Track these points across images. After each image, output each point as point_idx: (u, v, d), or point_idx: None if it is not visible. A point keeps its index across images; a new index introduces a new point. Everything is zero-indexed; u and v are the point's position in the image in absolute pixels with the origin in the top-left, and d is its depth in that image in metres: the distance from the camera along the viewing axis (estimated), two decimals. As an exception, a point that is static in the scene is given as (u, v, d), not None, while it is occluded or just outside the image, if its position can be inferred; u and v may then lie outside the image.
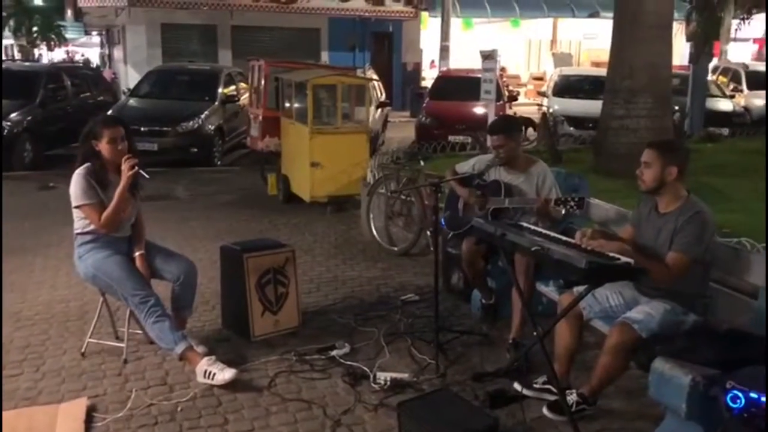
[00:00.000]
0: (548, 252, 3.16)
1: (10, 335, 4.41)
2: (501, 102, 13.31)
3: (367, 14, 21.45)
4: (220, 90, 11.86)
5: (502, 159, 4.46)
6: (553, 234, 3.53)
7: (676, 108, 12.74)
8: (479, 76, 14.16)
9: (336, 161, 7.57)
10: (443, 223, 4.84)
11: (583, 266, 2.93)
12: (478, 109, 12.84)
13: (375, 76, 13.97)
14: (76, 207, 3.88)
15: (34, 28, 39.35)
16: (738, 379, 2.49)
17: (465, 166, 4.70)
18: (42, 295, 5.14)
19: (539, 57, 29.68)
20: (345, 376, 3.89)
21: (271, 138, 8.68)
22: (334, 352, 4.17)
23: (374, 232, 6.56)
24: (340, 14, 21.15)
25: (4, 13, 30.44)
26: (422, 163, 6.39)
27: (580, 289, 3.43)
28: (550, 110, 13.37)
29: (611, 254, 3.13)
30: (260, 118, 8.78)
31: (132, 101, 11.84)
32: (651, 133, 7.27)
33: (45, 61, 40.16)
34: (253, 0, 19.90)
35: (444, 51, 20.31)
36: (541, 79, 25.60)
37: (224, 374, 3.72)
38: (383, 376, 3.82)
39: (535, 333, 3.51)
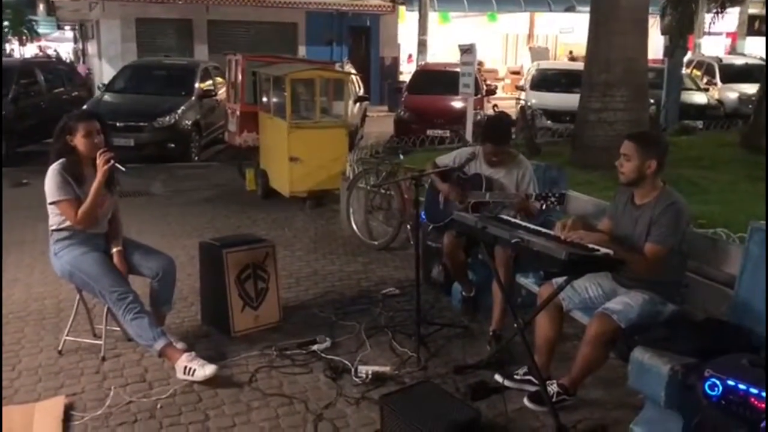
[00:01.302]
0: (528, 244, 3.18)
1: (-13, 333, 4.34)
2: (479, 96, 13.37)
3: (344, 8, 21.36)
4: (197, 85, 11.74)
5: (494, 163, 4.47)
6: (533, 226, 3.54)
7: (652, 101, 12.89)
8: (457, 70, 14.22)
9: (315, 156, 7.53)
10: (423, 216, 4.85)
11: (563, 257, 2.94)
12: (457, 103, 12.89)
13: (353, 71, 13.94)
14: (52, 203, 3.82)
15: (5, 23, 38.79)
16: (716, 367, 2.52)
17: (446, 159, 4.70)
18: (16, 294, 5.06)
19: (516, 51, 29.81)
20: (326, 370, 3.88)
21: (249, 133, 8.62)
22: (315, 347, 4.16)
23: (354, 226, 6.55)
24: (318, 8, 21.07)
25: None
26: (401, 156, 6.38)
27: (560, 280, 3.45)
28: (528, 104, 13.44)
29: (591, 246, 3.16)
30: (238, 113, 8.70)
31: (107, 96, 11.68)
32: (628, 125, 7.33)
33: (17, 56, 39.56)
34: (229, -6, 19.76)
35: (422, 45, 20.34)
36: (518, 73, 25.71)
37: (205, 370, 3.69)
38: (365, 370, 3.82)
39: (515, 324, 3.53)
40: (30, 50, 50.33)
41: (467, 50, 7.91)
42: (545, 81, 14.22)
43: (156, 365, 3.90)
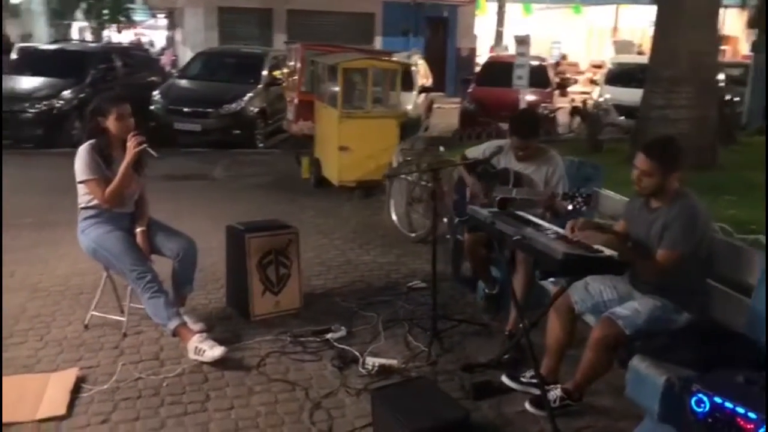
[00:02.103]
0: (530, 242, 3.07)
1: (24, 305, 4.57)
2: (549, 89, 13.07)
3: (421, -1, 21.31)
4: (264, 73, 11.95)
5: (521, 157, 4.35)
6: (547, 225, 3.42)
7: (735, 98, 12.21)
8: (532, 62, 13.96)
9: (365, 146, 7.54)
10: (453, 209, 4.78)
11: (559, 257, 2.83)
12: (525, 96, 12.62)
13: (421, 61, 13.86)
14: (81, 182, 3.97)
15: (104, 11, 40.70)
16: (705, 382, 2.36)
17: (475, 152, 4.60)
18: (61, 268, 5.30)
19: (601, 45, 28.87)
20: (334, 360, 3.89)
21: (305, 121, 8.72)
22: (329, 335, 4.17)
23: (394, 217, 6.52)
24: (395, -1, 21.08)
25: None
26: (441, 148, 6.29)
27: (577, 282, 3.33)
28: (601, 99, 13.00)
29: (596, 247, 3.02)
30: (295, 101, 8.81)
31: (179, 82, 12.07)
32: (692, 124, 6.97)
33: (117, 42, 41.40)
34: (309, -17, 20.01)
35: (499, 37, 20.02)
36: (600, 67, 24.88)
37: (213, 351, 3.77)
38: (372, 362, 3.80)
39: (520, 325, 3.42)
40: (126, 37, 52.78)
41: (522, 41, 7.71)
42: (621, 75, 13.70)
43: (172, 344, 4.00)
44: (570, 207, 3.93)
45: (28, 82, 10.75)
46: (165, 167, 9.45)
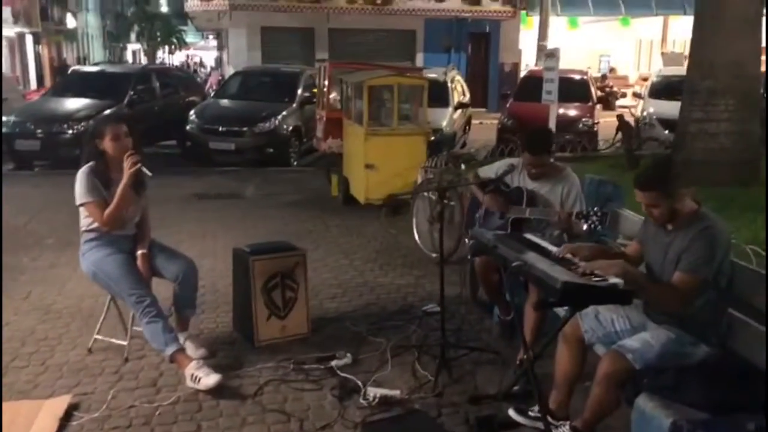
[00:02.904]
0: (530, 268, 2.86)
1: (34, 327, 4.55)
2: (590, 103, 12.73)
3: (464, 15, 21.15)
4: (299, 91, 11.96)
5: (534, 175, 4.15)
6: (553, 249, 3.20)
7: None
8: (569, 76, 13.65)
9: (391, 163, 7.39)
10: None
11: (558, 286, 2.61)
12: (565, 111, 12.32)
13: (458, 77, 13.69)
14: (80, 205, 3.92)
15: (157, 33, 41.92)
16: (712, 428, 2.11)
17: (489, 171, 4.41)
18: (77, 289, 5.29)
19: (650, 57, 28.16)
20: (334, 389, 3.72)
21: (333, 139, 8.62)
22: (333, 363, 4.01)
23: (417, 237, 6.34)
24: (437, 15, 21.00)
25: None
26: (463, 166, 6.10)
27: (586, 309, 3.10)
28: (644, 113, 12.58)
29: (605, 275, 2.78)
30: (324, 119, 8.74)
31: (214, 101, 12.17)
32: (732, 138, 6.61)
33: (168, 63, 42.63)
34: (349, 2, 20.11)
35: (541, 51, 19.63)
36: (647, 80, 24.26)
37: (209, 379, 3.65)
38: (373, 392, 3.62)
39: (525, 356, 3.20)
40: (178, 58, 54.26)
41: (550, 54, 7.48)
42: (666, 88, 13.22)
43: (172, 370, 3.90)
44: (585, 227, 3.72)
45: (68, 104, 10.99)
46: (197, 186, 9.53)
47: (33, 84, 27.18)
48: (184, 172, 10.52)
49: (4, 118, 10.49)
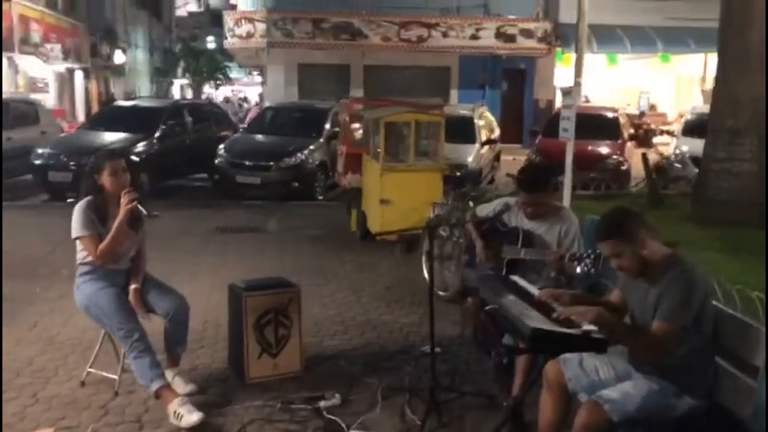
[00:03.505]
0: (504, 313, 2.77)
1: (33, 358, 4.59)
2: (620, 141, 12.55)
3: (498, 52, 21.19)
4: (327, 127, 12.07)
5: (530, 214, 4.07)
6: (536, 293, 3.10)
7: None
8: (602, 113, 13.51)
9: (407, 199, 7.35)
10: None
11: (527, 333, 2.52)
12: (596, 148, 12.18)
13: (487, 114, 13.66)
14: (75, 238, 3.97)
15: (203, 69, 43.01)
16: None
17: (487, 209, 4.34)
18: (82, 321, 5.25)
19: (690, 94, 27.69)
20: (316, 431, 3.64)
21: (353, 174, 8.64)
22: (321, 403, 3.94)
23: (425, 274, 6.24)
24: (471, 52, 21.08)
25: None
26: (471, 204, 6.01)
27: (569, 356, 3.00)
28: (677, 151, 12.33)
29: (576, 321, 2.68)
30: (344, 153, 8.78)
31: (243, 136, 12.37)
32: (755, 178, 6.39)
33: (215, 98, 43.76)
34: (384, 40, 20.34)
35: (576, 87, 19.50)
36: (686, 117, 23.83)
37: (191, 417, 3.62)
38: (356, 436, 3.54)
39: (504, 403, 3.08)
40: (223, 93, 55.58)
41: (568, 92, 7.38)
42: (699, 126, 12.93)
43: (158, 407, 3.86)
44: (578, 270, 3.60)
45: (100, 137, 11.28)
46: (221, 219, 9.62)
47: (81, 117, 28.07)
48: (210, 205, 10.66)
49: (40, 150, 10.81)
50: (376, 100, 9.33)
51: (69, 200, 11.00)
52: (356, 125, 12.46)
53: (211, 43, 48.85)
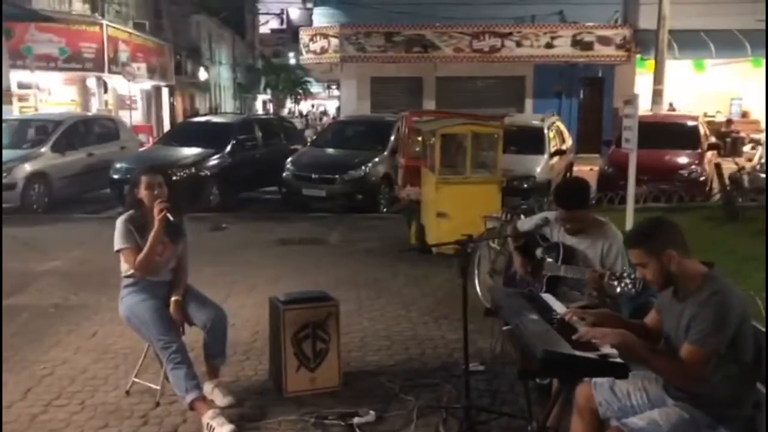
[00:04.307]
0: (521, 334, 2.66)
1: (87, 366, 4.77)
2: (699, 151, 11.99)
3: (575, 60, 20.71)
4: (392, 139, 12.08)
5: (570, 230, 3.92)
6: (561, 312, 2.96)
7: None
8: (678, 122, 12.97)
9: (463, 212, 7.23)
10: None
11: (539, 356, 2.40)
12: (672, 158, 11.70)
13: (558, 124, 13.35)
14: (117, 251, 4.10)
15: (283, 85, 44.12)
16: None
17: (528, 223, 4.21)
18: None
19: (789, 100, 26.15)
20: (346, 448, 3.61)
21: (412, 187, 8.60)
22: (355, 420, 3.91)
23: (477, 289, 6.12)
24: (547, 61, 20.68)
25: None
26: (522, 216, 5.84)
27: (602, 380, 2.85)
28: (762, 160, 11.66)
29: (598, 344, 2.54)
30: (403, 166, 8.76)
31: (310, 149, 12.55)
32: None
33: (296, 112, 44.61)
34: (456, 51, 20.24)
35: (657, 95, 18.80)
36: (780, 124, 22.50)
37: (222, 429, 3.66)
38: (383, 454, 3.48)
39: (529, 428, 2.95)
40: (305, 107, 56.80)
41: (629, 101, 7.10)
42: (787, 133, 12.26)
43: (196, 418, 3.92)
44: (618, 289, 3.43)
45: (174, 152, 11.72)
46: (284, 231, 9.77)
47: (167, 132, 29.38)
48: (276, 217, 10.84)
49: (117, 165, 11.29)
50: (434, 112, 9.27)
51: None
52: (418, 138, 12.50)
53: (292, 59, 50.13)
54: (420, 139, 8.46)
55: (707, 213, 8.38)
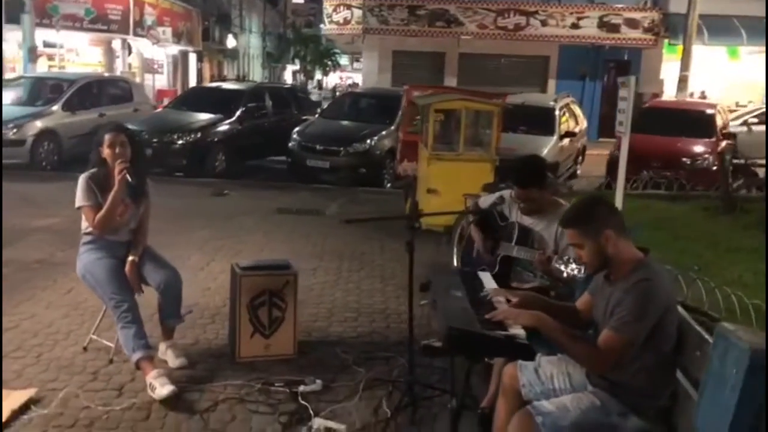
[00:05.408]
0: (439, 311, 2.61)
1: (53, 321, 4.82)
2: (713, 139, 11.70)
3: (601, 42, 20.27)
4: (400, 114, 11.95)
5: (525, 210, 3.84)
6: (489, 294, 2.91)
7: None
8: (692, 109, 12.66)
9: (454, 189, 7.11)
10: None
11: (444, 331, 2.36)
12: (685, 145, 11.45)
13: (573, 106, 13.12)
14: (77, 208, 4.11)
15: (310, 57, 43.94)
16: None
17: (488, 200, 4.13)
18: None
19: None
20: (283, 415, 3.61)
21: (409, 162, 8.52)
22: (300, 388, 3.90)
23: (455, 265, 6.06)
24: (572, 41, 20.27)
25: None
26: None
27: (526, 362, 2.81)
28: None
29: (510, 325, 2.49)
30: (401, 141, 8.68)
31: (318, 121, 12.49)
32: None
33: (326, 84, 44.42)
34: (480, 28, 19.92)
35: (682, 81, 18.35)
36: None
37: (162, 390, 3.68)
38: (319, 424, 3.48)
39: (448, 406, 2.92)
40: (333, 79, 56.61)
41: (623, 83, 6.89)
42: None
43: (144, 377, 3.96)
44: (565, 274, 3.35)
45: (182, 117, 11.75)
46: (285, 200, 9.76)
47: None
48: (278, 187, 10.84)
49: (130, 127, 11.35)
50: (433, 86, 9.12)
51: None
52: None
53: (323, 30, 49.93)
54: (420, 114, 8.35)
55: (707, 204, 8.18)
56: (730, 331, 2.02)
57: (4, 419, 3.41)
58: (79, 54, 21.16)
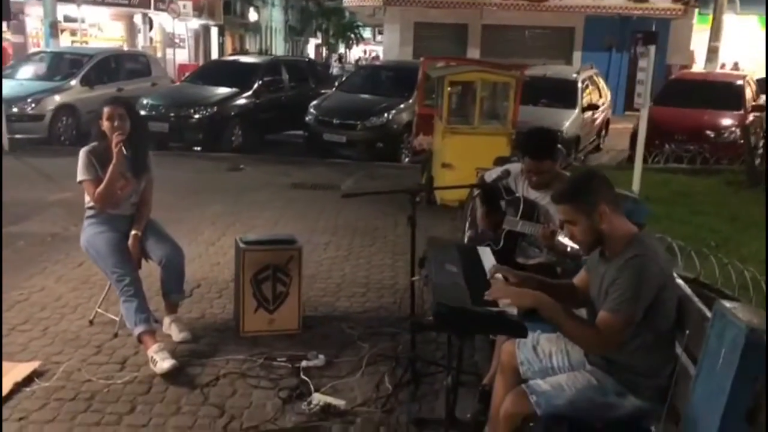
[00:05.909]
0: (430, 287, 2.54)
1: (62, 294, 4.85)
2: (742, 112, 11.37)
3: (628, 12, 19.76)
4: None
5: (534, 184, 3.74)
6: (489, 271, 2.82)
7: None
8: (720, 80, 12.30)
9: (469, 163, 6.99)
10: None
11: (433, 308, 2.29)
12: (710, 118, 11.16)
13: (596, 78, 12.84)
14: (79, 182, 4.10)
15: (333, 30, 43.61)
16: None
17: (493, 174, 4.03)
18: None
19: None
20: (283, 390, 3.58)
21: (425, 136, 8.40)
22: (303, 363, 3.87)
23: (466, 241, 5.97)
24: (598, 12, 19.80)
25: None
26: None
27: (526, 341, 2.74)
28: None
29: (501, 302, 2.41)
30: (417, 114, 8.55)
31: (335, 94, 12.36)
32: None
33: (346, 57, 44.01)
34: (504, -2, 19.54)
35: (712, 52, 17.85)
36: None
37: (163, 364, 3.67)
38: (318, 399, 3.45)
39: (444, 383, 2.86)
40: (356, 53, 56.18)
41: (642, 53, 6.68)
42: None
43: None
44: (569, 248, 3.26)
45: (199, 91, 11.71)
46: (300, 175, 9.71)
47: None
48: (295, 161, 10.78)
49: (144, 101, 11.34)
50: (449, 58, 8.95)
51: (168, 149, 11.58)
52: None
53: (346, 2, 49.47)
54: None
55: (731, 177, 7.95)
56: (728, 309, 1.92)
57: (7, 392, 3.43)
58: (102, 29, 21.24)
